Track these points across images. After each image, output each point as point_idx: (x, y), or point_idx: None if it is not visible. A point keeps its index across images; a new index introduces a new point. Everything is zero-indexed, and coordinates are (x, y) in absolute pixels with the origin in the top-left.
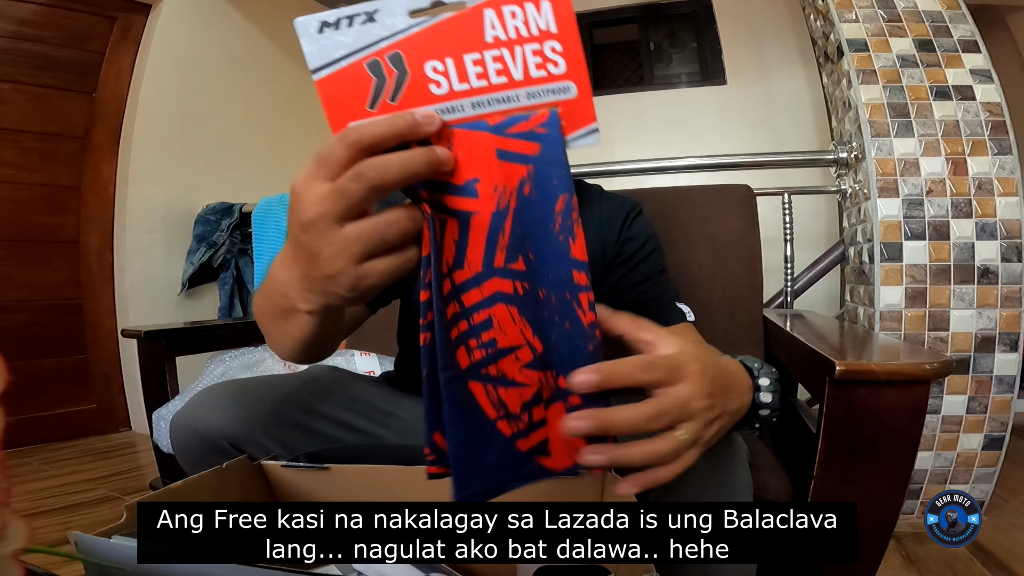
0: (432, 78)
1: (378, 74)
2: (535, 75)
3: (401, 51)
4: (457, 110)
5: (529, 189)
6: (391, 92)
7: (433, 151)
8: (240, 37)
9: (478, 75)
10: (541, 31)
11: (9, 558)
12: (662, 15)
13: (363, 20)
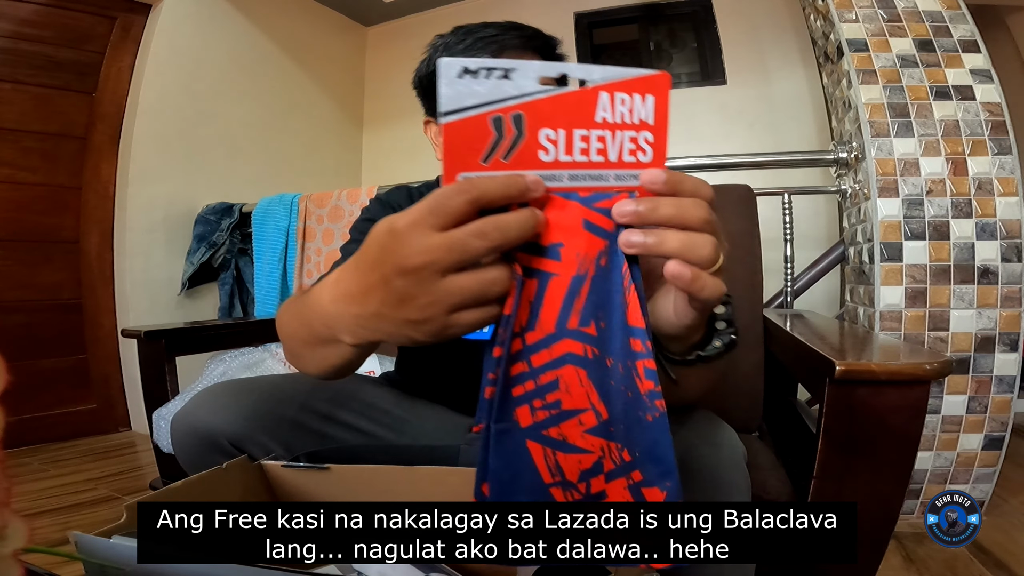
0: (543, 144)
1: (499, 130)
2: (626, 160)
3: (524, 113)
4: (557, 179)
5: (605, 261)
6: (505, 150)
7: (539, 216)
8: (240, 37)
9: (582, 150)
10: (641, 121)
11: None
12: (662, 15)
13: (500, 75)
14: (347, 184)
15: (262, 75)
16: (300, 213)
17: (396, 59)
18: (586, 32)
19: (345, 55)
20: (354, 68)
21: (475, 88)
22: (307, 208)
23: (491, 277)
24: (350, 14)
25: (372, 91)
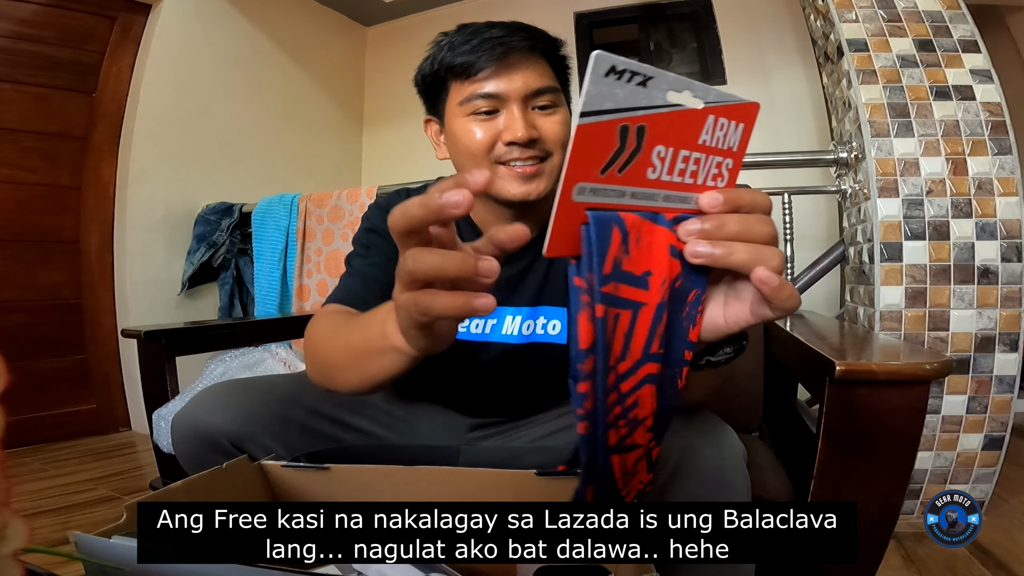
0: (653, 162)
1: (623, 140)
2: (708, 184)
3: (647, 125)
4: (653, 198)
5: (680, 283)
6: (623, 163)
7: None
8: (240, 37)
9: (680, 171)
10: (729, 148)
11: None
12: (662, 15)
13: (639, 81)
14: (347, 184)
15: (262, 75)
16: (300, 213)
17: (396, 59)
18: (586, 32)
19: (345, 55)
20: (354, 68)
21: (615, 91)
22: (307, 208)
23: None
24: (350, 14)
25: (372, 91)
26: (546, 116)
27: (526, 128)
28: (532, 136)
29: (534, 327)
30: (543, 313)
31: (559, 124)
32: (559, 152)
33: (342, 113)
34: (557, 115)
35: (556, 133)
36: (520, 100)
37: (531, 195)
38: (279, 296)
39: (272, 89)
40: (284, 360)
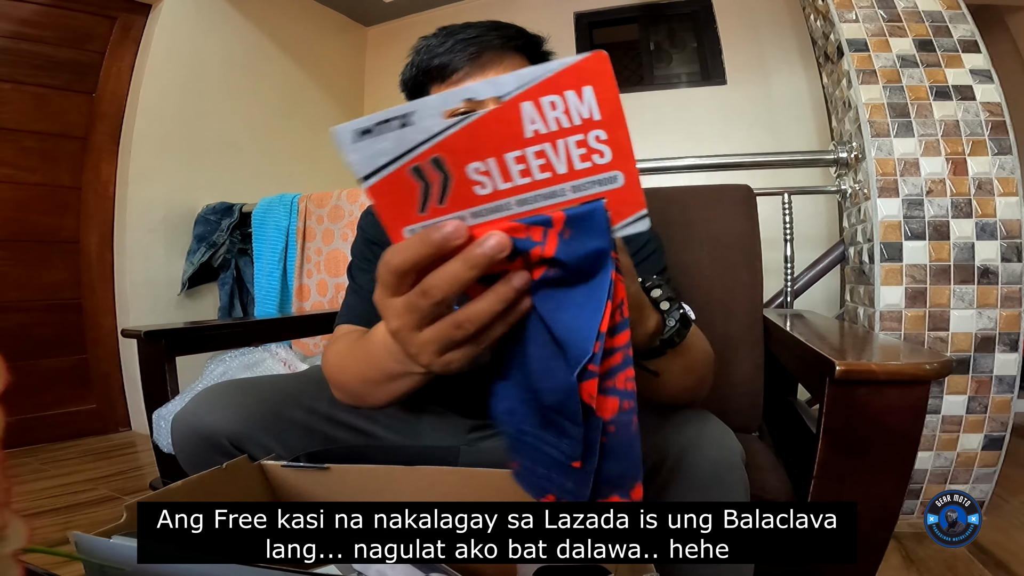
0: (475, 179)
1: (422, 179)
2: (580, 167)
3: (441, 154)
4: (504, 208)
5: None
6: (438, 196)
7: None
8: (240, 37)
9: (521, 172)
10: (584, 120)
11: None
12: (662, 15)
13: (398, 125)
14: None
15: (262, 75)
16: (300, 213)
17: (396, 59)
18: (586, 32)
19: (345, 55)
20: (354, 68)
21: (379, 146)
22: (307, 208)
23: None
24: (350, 14)
25: (372, 91)
26: None
27: None
28: None
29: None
30: None
31: None
32: None
33: (342, 113)
34: None
35: None
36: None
37: None
38: (279, 296)
39: (272, 89)
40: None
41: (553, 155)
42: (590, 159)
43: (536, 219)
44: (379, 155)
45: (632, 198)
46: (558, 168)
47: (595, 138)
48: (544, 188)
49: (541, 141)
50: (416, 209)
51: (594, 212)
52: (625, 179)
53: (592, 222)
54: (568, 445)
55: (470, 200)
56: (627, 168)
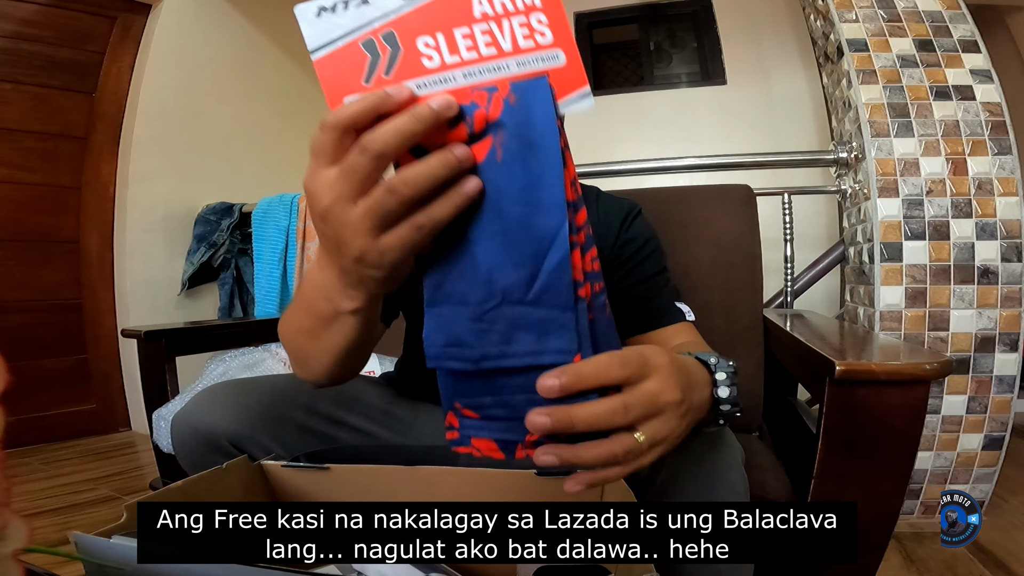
0: (424, 52)
1: (372, 52)
2: (524, 45)
3: (394, 29)
4: (450, 80)
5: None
6: (385, 67)
7: (420, 109)
8: (240, 37)
9: (468, 48)
10: (527, 5)
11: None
12: (662, 15)
13: (358, 3)
14: None
15: (262, 75)
16: (300, 213)
17: None
18: (586, 32)
19: None
20: None
21: (337, 22)
22: (307, 208)
23: (385, 188)
24: None
25: None
26: None
27: None
28: None
29: None
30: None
31: None
32: None
33: None
34: None
35: None
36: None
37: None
38: (279, 296)
39: (272, 89)
40: (284, 360)
41: (499, 33)
42: (533, 38)
43: (483, 88)
44: (334, 29)
45: (574, 76)
46: (503, 45)
47: (537, 20)
48: (490, 62)
49: (488, 20)
50: (361, 79)
51: (539, 82)
52: (567, 57)
53: (537, 91)
54: (565, 342)
55: (418, 71)
56: (568, 48)
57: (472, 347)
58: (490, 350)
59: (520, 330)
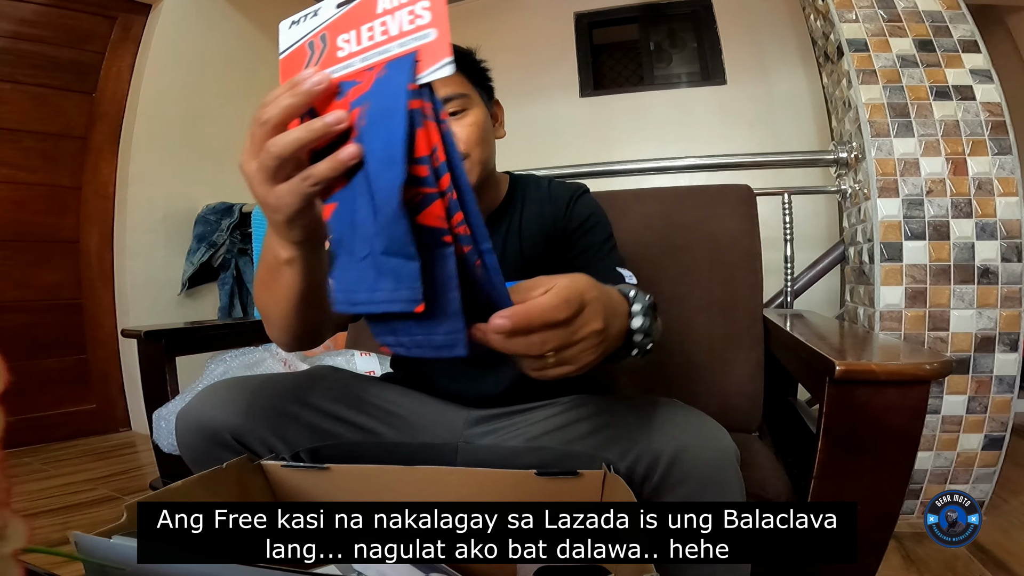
0: (340, 46)
1: (312, 49)
2: (406, 28)
3: (327, 32)
4: (351, 65)
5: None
6: (316, 59)
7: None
8: (240, 37)
9: (368, 38)
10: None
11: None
12: (662, 15)
13: (311, 15)
14: None
15: (262, 75)
16: None
17: None
18: (586, 32)
19: None
20: None
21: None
22: None
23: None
24: None
25: None
26: (457, 120)
27: None
28: None
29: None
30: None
31: (470, 125)
32: (476, 149)
33: None
34: (468, 117)
35: (468, 135)
36: None
37: None
38: None
39: (272, 89)
40: (284, 360)
41: (391, 23)
42: (414, 22)
43: (367, 67)
44: (295, 36)
45: (440, 49)
46: (392, 31)
47: (421, 7)
48: (380, 47)
49: (386, 14)
50: (301, 68)
51: (406, 57)
52: (437, 34)
53: (401, 65)
54: (409, 290)
55: (334, 60)
56: (440, 27)
57: (354, 292)
58: (362, 296)
59: (383, 277)
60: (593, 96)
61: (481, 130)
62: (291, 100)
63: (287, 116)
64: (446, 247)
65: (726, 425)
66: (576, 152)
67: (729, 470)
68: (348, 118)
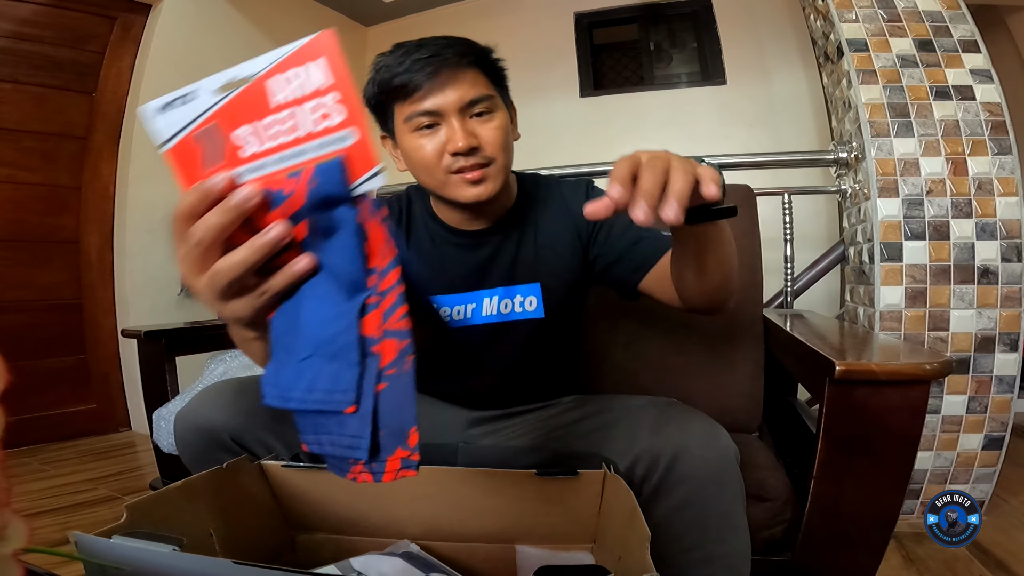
0: (238, 144)
1: (203, 142)
2: (319, 128)
3: (216, 122)
4: (264, 167)
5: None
6: (216, 156)
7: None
8: (240, 37)
9: (275, 135)
10: (319, 87)
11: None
12: (662, 15)
13: (185, 101)
14: None
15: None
16: None
17: None
18: (586, 32)
19: (345, 55)
20: (354, 68)
21: (172, 118)
22: None
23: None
24: (350, 14)
25: None
26: (484, 123)
27: (465, 138)
28: (472, 144)
29: (512, 305)
30: (518, 292)
31: (496, 129)
32: (501, 155)
33: None
34: (494, 120)
35: (494, 138)
36: (456, 112)
37: (481, 197)
38: None
39: None
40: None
41: (297, 120)
42: (325, 120)
43: (291, 174)
44: (173, 125)
45: (364, 157)
46: (302, 130)
47: (331, 99)
48: (293, 148)
49: (288, 107)
50: (201, 168)
51: (334, 164)
52: (357, 138)
53: (332, 174)
54: (343, 393)
55: (237, 160)
56: (359, 125)
57: (288, 390)
58: (297, 394)
59: (321, 378)
60: (593, 96)
61: (505, 134)
62: (222, 219)
63: (221, 236)
64: (374, 356)
65: (726, 425)
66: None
67: (729, 470)
68: (292, 231)
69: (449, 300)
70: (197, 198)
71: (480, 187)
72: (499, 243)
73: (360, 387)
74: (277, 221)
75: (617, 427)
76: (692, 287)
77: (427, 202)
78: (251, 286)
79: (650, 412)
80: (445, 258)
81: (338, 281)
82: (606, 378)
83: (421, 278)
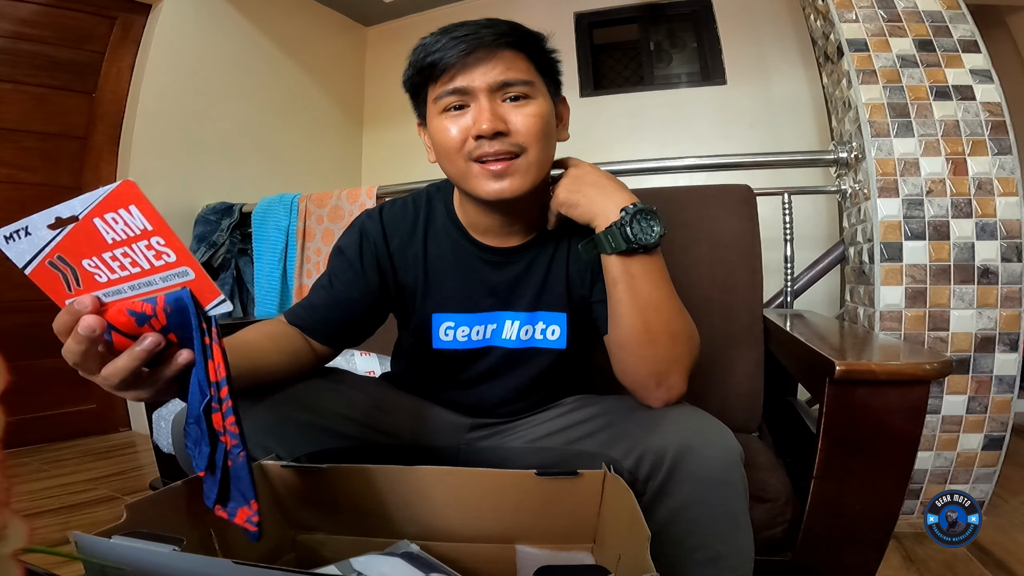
0: (92, 272)
1: (59, 270)
2: (157, 264)
3: (61, 253)
4: (121, 292)
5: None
6: (75, 282)
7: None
8: (240, 37)
9: (120, 267)
10: (142, 230)
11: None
12: (662, 15)
13: (24, 234)
14: (347, 184)
15: (262, 75)
16: (300, 213)
17: (396, 59)
18: (586, 32)
19: (345, 55)
20: (354, 68)
21: (20, 247)
22: (307, 208)
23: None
24: (350, 14)
25: (372, 91)
26: (517, 108)
27: (491, 120)
28: (497, 128)
29: (533, 332)
30: (542, 318)
31: (531, 116)
32: (535, 145)
33: (342, 113)
34: (530, 107)
35: (527, 125)
36: (486, 92)
37: (504, 194)
38: (279, 296)
39: (272, 89)
40: None
41: (136, 255)
42: (161, 258)
43: (147, 300)
44: (24, 253)
45: (206, 288)
46: (142, 265)
47: (157, 242)
48: (141, 278)
49: (122, 245)
50: (65, 290)
51: (180, 295)
52: (195, 273)
53: (181, 303)
54: (201, 459)
55: (96, 285)
56: (192, 264)
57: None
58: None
59: (198, 444)
60: (593, 96)
61: (544, 123)
62: (79, 346)
63: (86, 357)
64: (222, 443)
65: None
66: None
67: (733, 470)
68: (163, 340)
69: (469, 320)
70: (68, 318)
71: (504, 182)
72: (529, 262)
73: (212, 459)
74: (148, 332)
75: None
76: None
77: (450, 204)
78: (144, 376)
79: (654, 412)
80: (467, 272)
81: (197, 381)
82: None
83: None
